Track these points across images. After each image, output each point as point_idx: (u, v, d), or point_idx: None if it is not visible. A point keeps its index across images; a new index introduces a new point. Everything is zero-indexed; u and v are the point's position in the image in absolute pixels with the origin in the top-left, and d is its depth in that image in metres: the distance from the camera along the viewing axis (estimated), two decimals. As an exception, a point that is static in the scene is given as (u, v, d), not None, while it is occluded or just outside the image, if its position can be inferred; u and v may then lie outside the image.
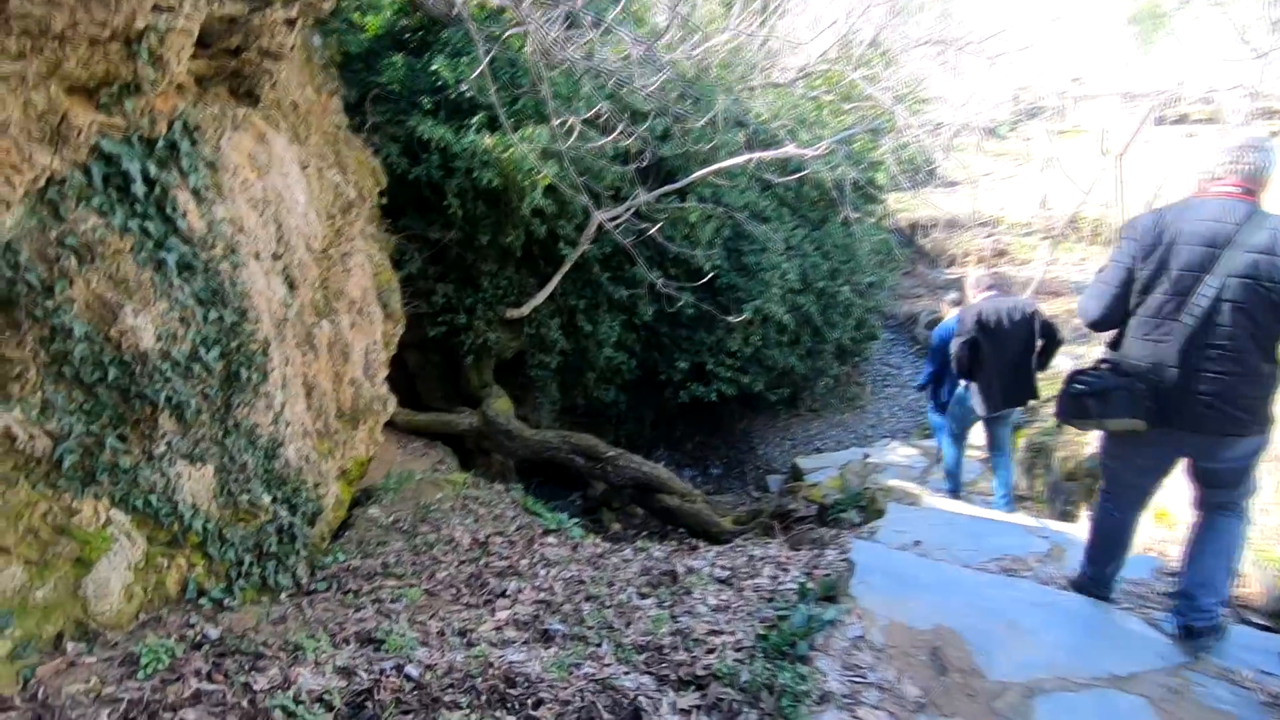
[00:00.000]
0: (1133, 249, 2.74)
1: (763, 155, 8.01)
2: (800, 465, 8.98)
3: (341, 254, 4.85)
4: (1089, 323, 2.98)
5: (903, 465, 6.65)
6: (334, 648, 2.74)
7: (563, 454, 7.77)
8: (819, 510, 5.99)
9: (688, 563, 3.79)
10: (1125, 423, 2.75)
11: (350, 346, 4.86)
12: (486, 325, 9.01)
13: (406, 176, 7.95)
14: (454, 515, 4.61)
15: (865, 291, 12.82)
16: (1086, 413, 2.84)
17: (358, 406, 4.90)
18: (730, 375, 10.43)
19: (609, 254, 9.69)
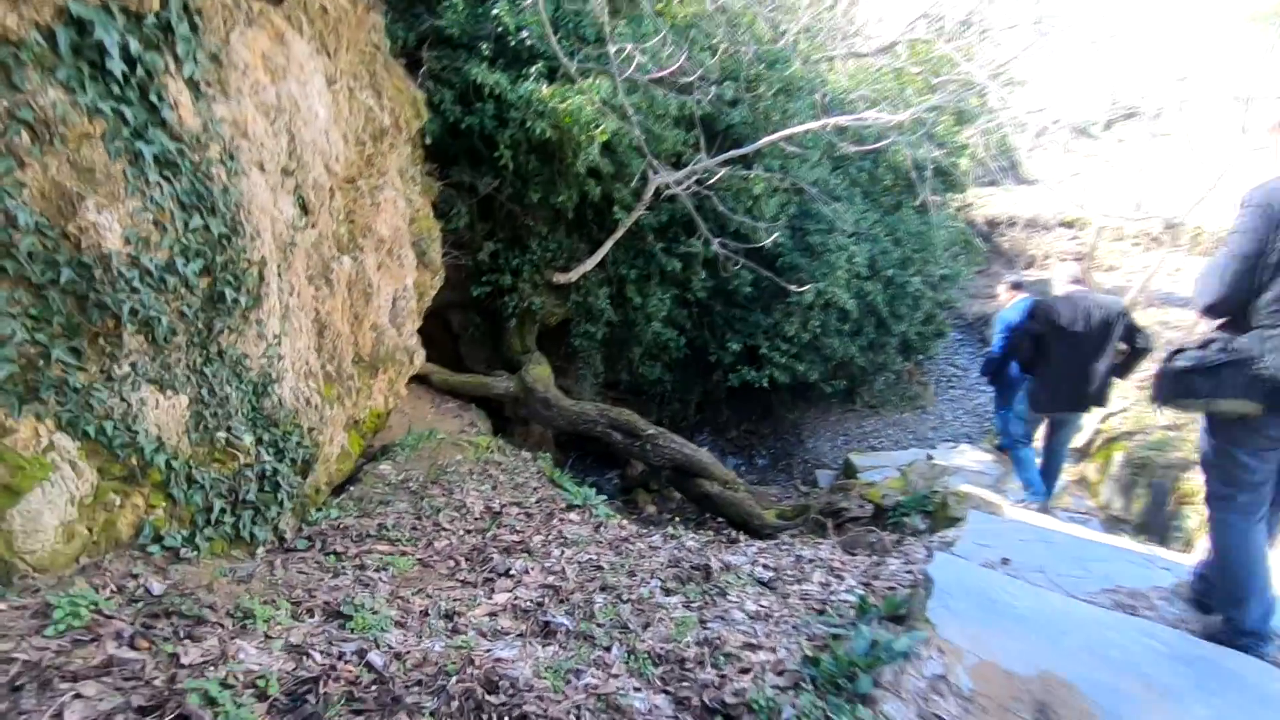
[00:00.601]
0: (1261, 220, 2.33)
1: (838, 120, 7.25)
2: (854, 461, 8.26)
3: (371, 187, 4.40)
4: (1206, 305, 2.54)
5: (974, 471, 5.90)
6: (293, 619, 2.28)
7: (600, 428, 7.26)
8: (875, 512, 5.32)
9: (724, 558, 3.22)
10: (1238, 404, 2.37)
11: (374, 288, 4.42)
12: (532, 289, 8.54)
13: (459, 125, 7.50)
14: (470, 480, 4.14)
15: (937, 284, 11.89)
16: (1193, 391, 2.47)
17: (378, 354, 4.47)
18: (784, 361, 9.74)
19: (665, 223, 9.09)
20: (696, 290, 9.57)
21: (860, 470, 8.01)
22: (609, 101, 7.65)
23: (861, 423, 11.23)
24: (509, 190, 7.90)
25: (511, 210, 8.35)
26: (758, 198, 9.03)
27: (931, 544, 3.65)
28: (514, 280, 8.42)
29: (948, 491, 4.62)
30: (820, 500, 6.99)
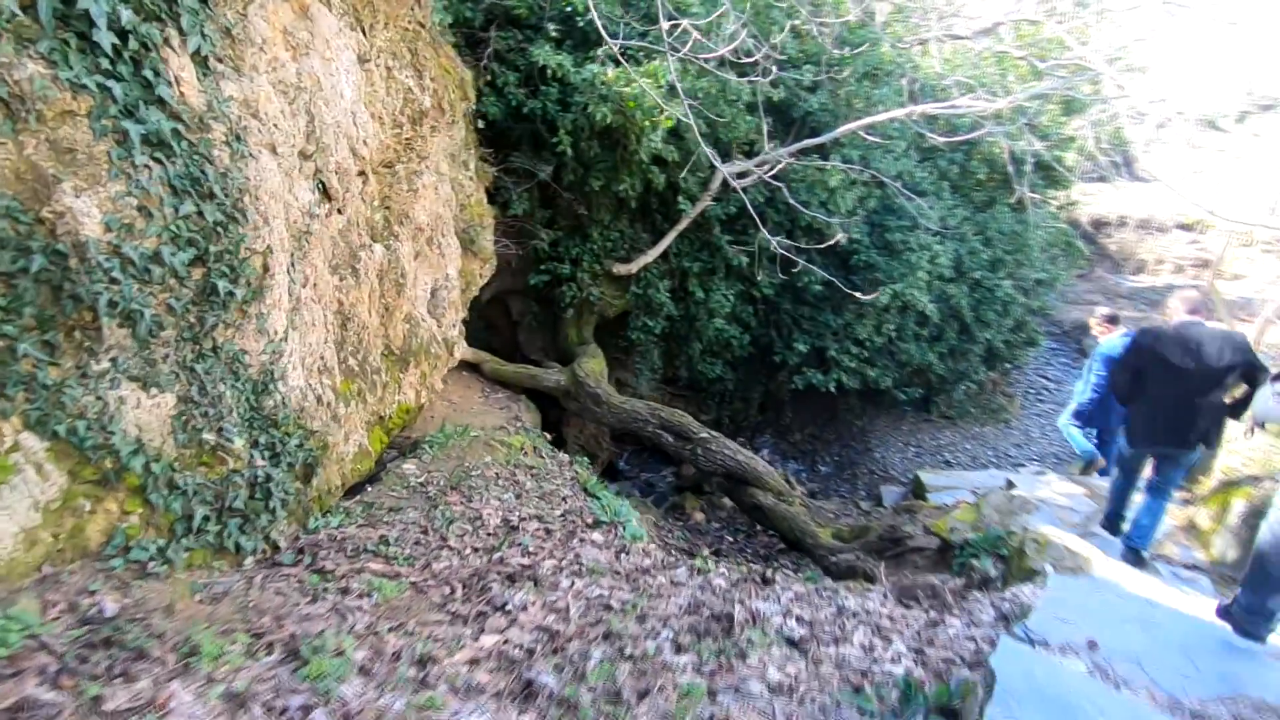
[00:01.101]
0: None
1: (927, 108, 6.56)
2: (924, 480, 7.60)
3: (409, 172, 4.16)
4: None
5: (1061, 506, 5.22)
6: (247, 656, 2.04)
7: (650, 428, 6.91)
8: (941, 547, 4.76)
9: (754, 605, 2.82)
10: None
11: (409, 278, 4.20)
12: (591, 279, 8.24)
13: (522, 110, 7.25)
14: (494, 487, 3.87)
15: (1030, 289, 10.90)
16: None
17: (410, 347, 4.25)
18: (855, 365, 9.11)
19: (733, 215, 8.60)
20: (763, 286, 9.04)
21: (930, 490, 7.36)
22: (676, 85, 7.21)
23: (936, 434, 10.44)
24: (570, 177, 7.60)
25: (573, 198, 8.07)
26: (833, 190, 8.40)
27: (1002, 604, 3.13)
28: (573, 269, 8.14)
29: (1026, 535, 4.03)
30: (883, 523, 6.43)
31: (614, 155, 7.46)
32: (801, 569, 5.96)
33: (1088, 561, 3.66)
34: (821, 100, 8.64)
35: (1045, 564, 3.58)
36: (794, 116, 8.83)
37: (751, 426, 10.72)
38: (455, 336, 5.07)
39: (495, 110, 7.11)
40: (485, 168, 6.18)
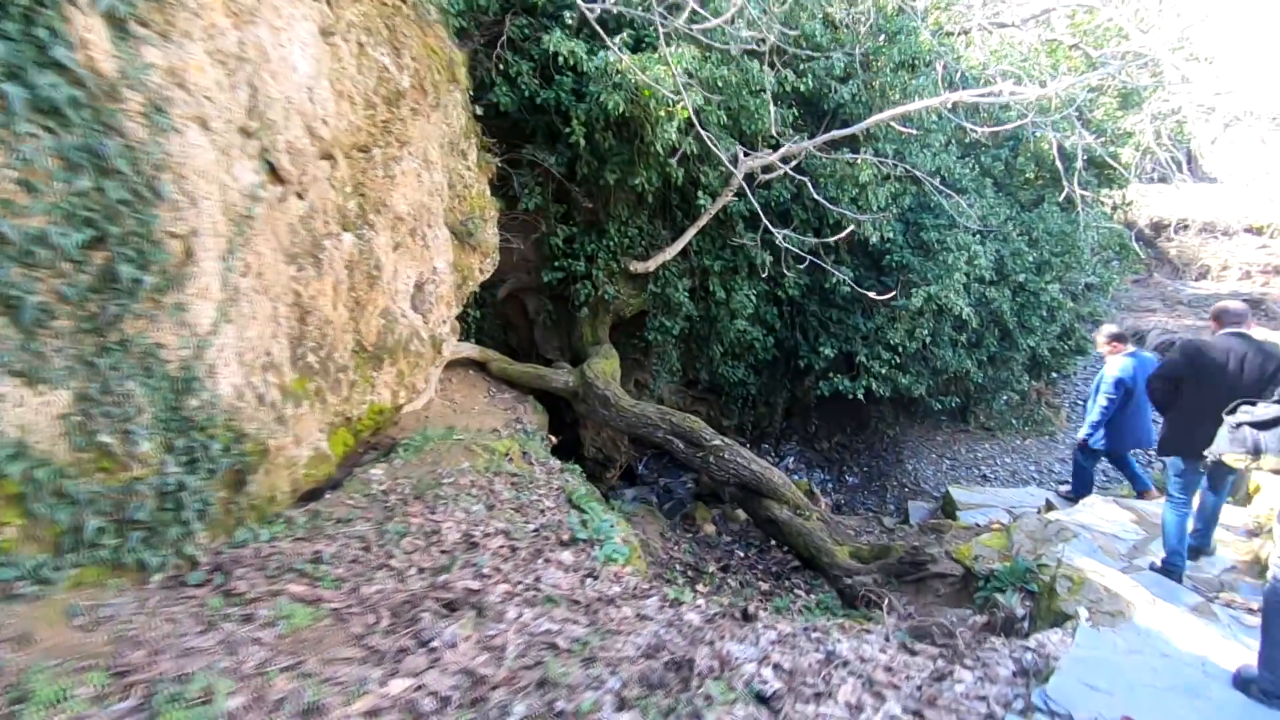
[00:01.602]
0: None
1: (962, 96, 5.99)
2: (955, 496, 7.01)
3: (387, 157, 3.85)
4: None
5: (1104, 534, 4.63)
6: (93, 704, 1.72)
7: (660, 434, 6.51)
8: (964, 575, 4.24)
9: (725, 648, 2.40)
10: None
11: (386, 270, 3.89)
12: (607, 277, 7.88)
13: (535, 100, 6.94)
14: (465, 496, 3.53)
15: (1080, 294, 10.14)
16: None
17: (386, 343, 3.94)
18: (885, 372, 8.54)
19: (756, 212, 8.13)
20: (789, 286, 8.55)
21: (961, 508, 6.79)
22: (695, 74, 6.81)
23: (974, 446, 9.78)
24: (584, 170, 7.25)
25: (590, 192, 7.72)
26: (864, 186, 7.86)
27: (1024, 654, 2.64)
28: (588, 267, 7.79)
29: (1059, 569, 3.50)
30: (906, 543, 5.91)
31: (630, 148, 7.08)
32: (815, 590, 5.49)
33: (1129, 606, 3.12)
34: (854, 91, 8.10)
35: (1079, 607, 3.07)
36: (825, 109, 8.32)
37: (776, 433, 10.22)
38: (445, 333, 4.76)
39: (507, 100, 6.82)
40: (488, 158, 5.86)
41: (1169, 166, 10.53)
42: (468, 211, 5.36)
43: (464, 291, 5.29)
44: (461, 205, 5.34)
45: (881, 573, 5.12)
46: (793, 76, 7.49)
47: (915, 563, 4.88)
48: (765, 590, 5.31)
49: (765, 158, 7.07)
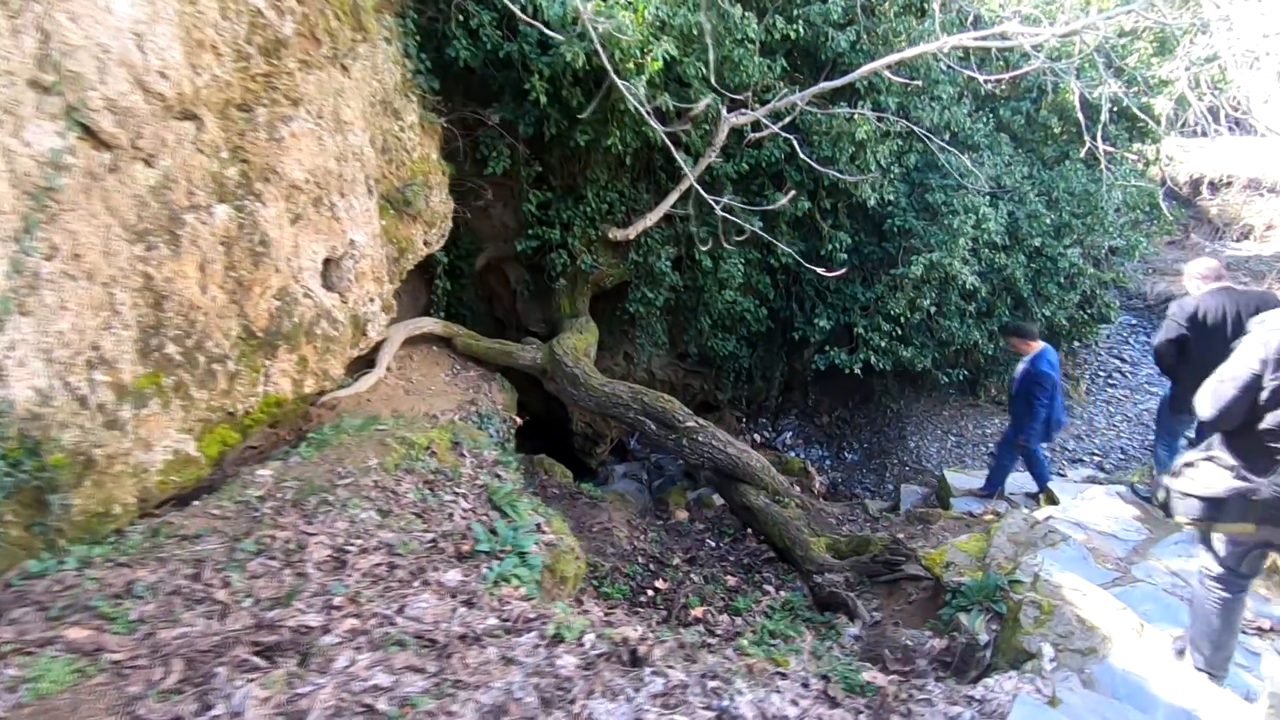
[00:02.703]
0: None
1: (962, 39, 5.27)
2: (949, 480, 6.49)
3: (274, 117, 3.38)
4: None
5: (1101, 533, 4.11)
6: None
7: (631, 414, 6.06)
8: (935, 585, 3.76)
9: (588, 710, 1.98)
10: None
11: (277, 245, 3.45)
12: (585, 246, 7.37)
13: (498, 54, 6.36)
14: (359, 500, 3.12)
15: (1104, 259, 9.36)
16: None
17: (281, 327, 3.52)
18: (886, 345, 7.94)
19: (746, 173, 7.50)
20: (782, 254, 7.95)
21: (955, 494, 6.27)
22: (668, 21, 6.16)
23: (983, 421, 9.17)
24: (553, 130, 6.69)
25: (564, 155, 7.16)
26: (862, 143, 7.18)
27: (963, 711, 2.18)
28: (564, 235, 7.28)
29: (1028, 593, 2.99)
30: (889, 534, 5.43)
31: (602, 105, 6.49)
32: (785, 585, 5.06)
33: (1106, 642, 2.62)
34: (853, 39, 7.36)
35: (1043, 644, 2.58)
36: (823, 59, 7.59)
37: (774, 407, 9.72)
38: (374, 312, 4.33)
39: (467, 54, 6.24)
40: (432, 118, 5.35)
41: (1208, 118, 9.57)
42: (407, 178, 4.88)
43: (402, 265, 4.85)
44: (399, 171, 4.86)
45: (854, 571, 4.67)
46: (782, 23, 6.79)
47: (888, 563, 4.42)
48: (731, 586, 4.90)
49: (750, 115, 6.42)
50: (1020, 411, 5.88)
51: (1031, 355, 5.79)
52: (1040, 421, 5.70)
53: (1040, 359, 5.72)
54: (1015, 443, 5.97)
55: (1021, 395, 5.83)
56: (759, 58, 6.68)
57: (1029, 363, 5.80)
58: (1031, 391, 5.69)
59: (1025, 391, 5.76)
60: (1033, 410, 5.68)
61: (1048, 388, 5.65)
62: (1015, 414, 6.04)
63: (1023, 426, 5.84)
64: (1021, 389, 5.83)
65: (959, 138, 8.01)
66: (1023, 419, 5.83)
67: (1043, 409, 5.65)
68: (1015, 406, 6.04)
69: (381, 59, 4.54)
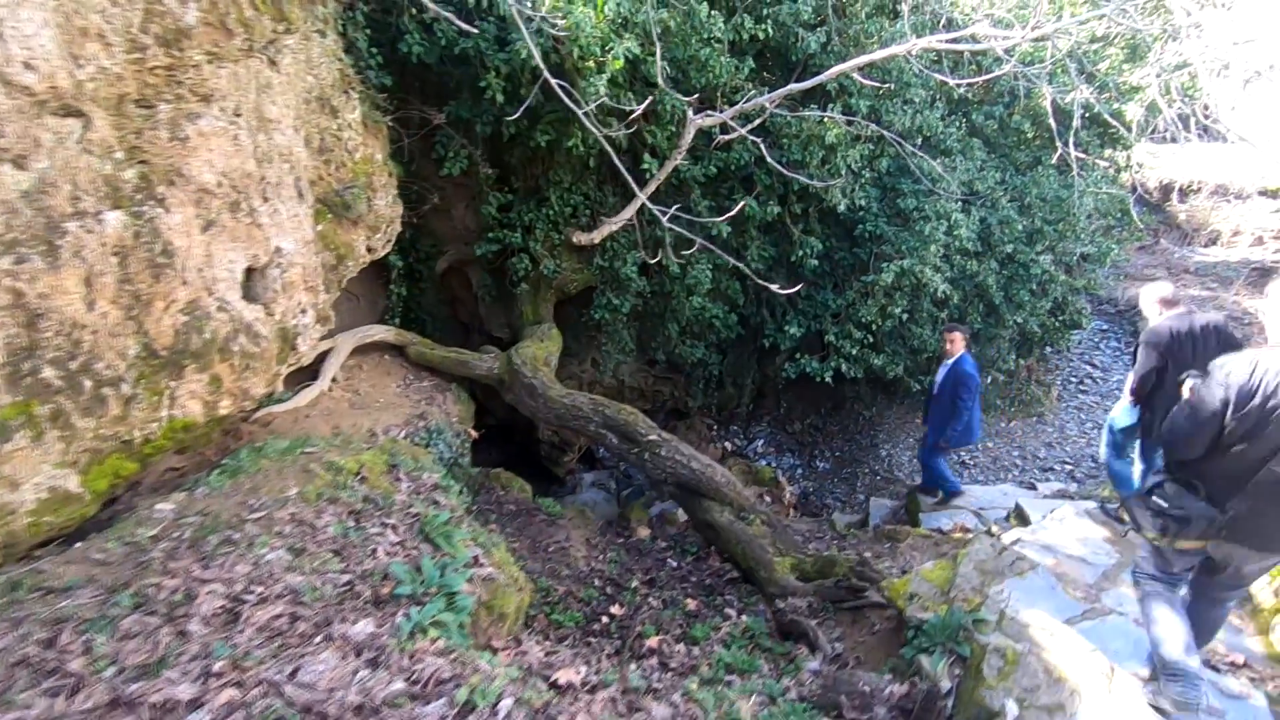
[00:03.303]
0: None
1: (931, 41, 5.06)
2: (919, 495, 6.31)
3: (178, 114, 3.06)
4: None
5: (1070, 558, 3.92)
6: None
7: (592, 426, 5.79)
8: (897, 618, 3.54)
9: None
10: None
11: (184, 255, 3.13)
12: (547, 250, 7.08)
13: (454, 50, 6.05)
14: (263, 539, 2.81)
15: (1075, 266, 9.25)
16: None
17: (189, 346, 3.20)
18: (857, 352, 7.75)
19: (714, 176, 7.26)
20: (752, 260, 7.73)
21: (924, 509, 6.09)
22: (630, 18, 5.89)
23: (954, 429, 9.00)
24: (512, 130, 6.39)
25: (525, 156, 6.87)
26: (833, 147, 6.97)
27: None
28: (524, 238, 6.99)
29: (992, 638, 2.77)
30: (856, 553, 5.22)
31: (562, 104, 6.20)
32: (749, 609, 4.82)
33: (1074, 695, 2.41)
34: (824, 40, 7.14)
35: (1007, 700, 2.36)
36: (793, 61, 7.37)
37: (745, 414, 9.51)
38: (305, 324, 4.02)
39: (420, 49, 5.93)
40: (378, 116, 5.04)
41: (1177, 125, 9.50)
42: (347, 179, 4.56)
43: (341, 273, 4.53)
44: (339, 172, 4.55)
45: (818, 596, 4.45)
46: (751, 22, 6.55)
47: (852, 589, 4.19)
48: (691, 610, 4.65)
49: (717, 116, 6.16)
50: (944, 413, 5.96)
51: (957, 357, 5.90)
52: (964, 423, 5.78)
53: (965, 360, 5.85)
54: (937, 445, 6.12)
55: (946, 396, 5.91)
56: (727, 58, 6.42)
57: (956, 363, 5.89)
58: (958, 392, 5.76)
59: (951, 392, 5.83)
60: (958, 411, 5.76)
61: (973, 389, 5.75)
62: (938, 416, 6.11)
63: (944, 428, 5.93)
64: (946, 390, 5.91)
65: (931, 142, 7.84)
66: (946, 420, 5.91)
67: (966, 410, 5.73)
68: (938, 408, 6.11)
69: (317, 53, 4.22)
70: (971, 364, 5.85)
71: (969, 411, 5.76)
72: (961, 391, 5.76)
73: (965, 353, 5.94)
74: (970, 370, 5.79)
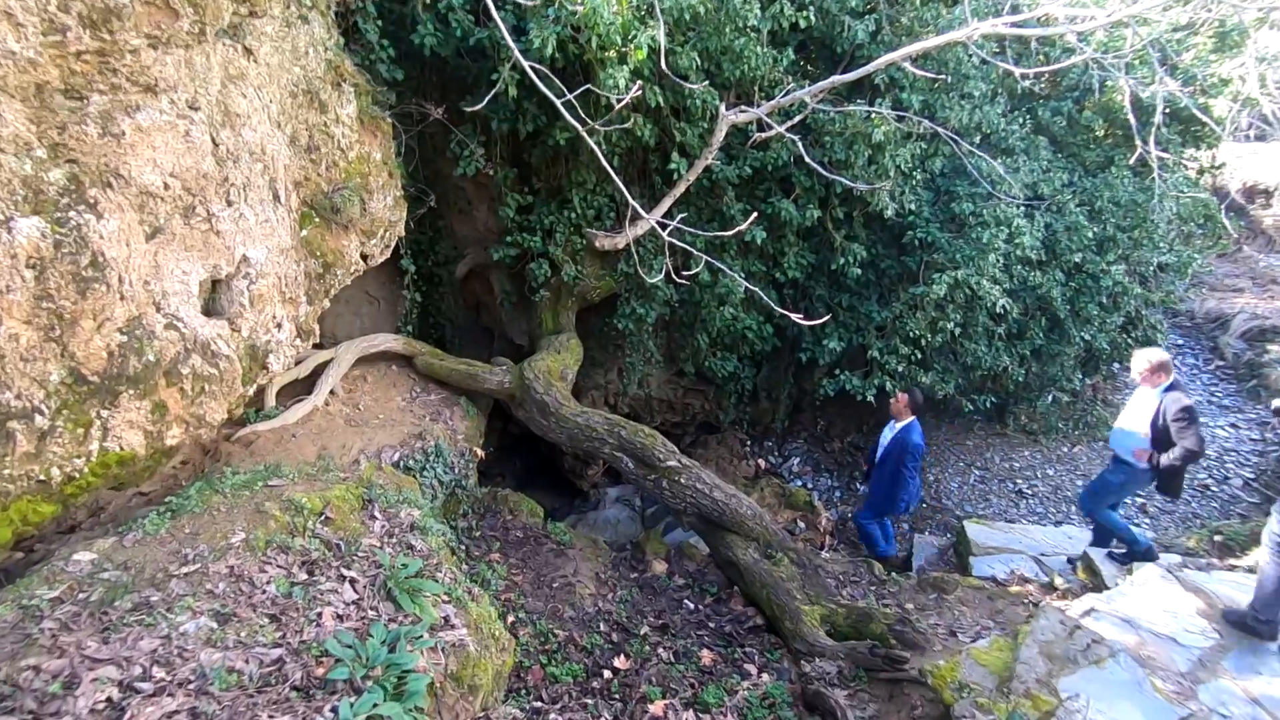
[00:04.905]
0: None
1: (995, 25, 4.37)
2: (970, 534, 5.60)
3: (114, 106, 2.66)
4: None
5: (1157, 637, 3.24)
6: None
7: (606, 449, 5.29)
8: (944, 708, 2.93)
9: None
10: None
11: (121, 267, 2.74)
12: (568, 255, 6.61)
13: (468, 42, 5.61)
14: (185, 602, 2.37)
15: (1151, 277, 8.33)
16: None
17: (127, 368, 2.81)
18: (903, 369, 7.06)
19: (750, 177, 6.67)
20: (789, 268, 7.11)
21: (977, 551, 5.40)
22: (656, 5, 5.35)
23: (1011, 454, 8.22)
24: (529, 127, 5.93)
25: (547, 155, 6.39)
26: (880, 145, 6.30)
27: None
28: (544, 242, 6.53)
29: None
30: (894, 606, 4.59)
31: (584, 100, 5.71)
32: (770, 666, 4.24)
33: None
34: (873, 28, 6.47)
35: None
36: (838, 52, 6.72)
37: (781, 431, 8.87)
38: (280, 341, 3.62)
39: (433, 41, 5.51)
40: (378, 111, 4.62)
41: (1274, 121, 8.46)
42: (340, 180, 4.15)
43: (328, 282, 4.12)
44: (330, 173, 4.15)
45: (850, 660, 3.85)
46: (791, 9, 5.93)
47: (890, 658, 3.57)
48: (705, 666, 4.10)
49: (752, 112, 5.57)
50: (886, 480, 5.77)
51: (905, 423, 5.70)
52: (907, 493, 5.64)
53: (913, 429, 5.66)
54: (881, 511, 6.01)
55: (891, 463, 5.70)
56: (764, 49, 5.83)
57: (903, 431, 5.68)
58: (903, 460, 5.59)
59: (897, 460, 5.64)
60: (901, 480, 5.60)
61: (918, 458, 5.63)
62: (879, 482, 5.92)
63: (885, 496, 5.78)
64: (891, 457, 5.71)
65: (991, 140, 7.08)
66: (888, 488, 5.74)
67: (911, 480, 5.60)
68: (880, 473, 5.92)
69: (304, 41, 3.81)
70: (919, 433, 5.66)
71: (912, 481, 5.63)
72: (907, 460, 5.58)
73: (914, 419, 5.72)
74: (917, 440, 5.61)
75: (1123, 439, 4.96)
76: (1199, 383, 9.90)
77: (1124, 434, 4.96)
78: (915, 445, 5.60)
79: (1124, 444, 4.93)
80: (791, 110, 5.84)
